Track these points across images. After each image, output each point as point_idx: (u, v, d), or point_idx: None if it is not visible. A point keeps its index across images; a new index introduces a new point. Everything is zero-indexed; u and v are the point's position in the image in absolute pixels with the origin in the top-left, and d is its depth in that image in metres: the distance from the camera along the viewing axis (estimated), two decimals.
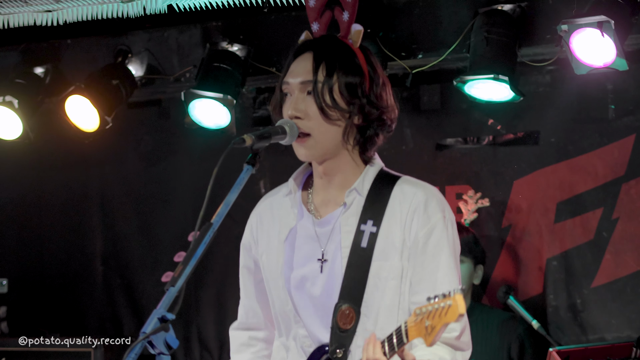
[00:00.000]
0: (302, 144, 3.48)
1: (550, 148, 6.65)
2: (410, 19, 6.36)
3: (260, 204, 3.77)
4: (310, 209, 3.60)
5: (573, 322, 6.52)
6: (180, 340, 2.87)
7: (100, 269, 7.65)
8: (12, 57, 7.05)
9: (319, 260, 3.53)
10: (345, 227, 3.52)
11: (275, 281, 3.60)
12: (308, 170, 3.69)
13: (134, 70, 6.89)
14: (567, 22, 5.58)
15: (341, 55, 3.52)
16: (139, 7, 6.06)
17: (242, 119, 6.87)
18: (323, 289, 3.50)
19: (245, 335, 3.81)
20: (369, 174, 3.57)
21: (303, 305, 3.55)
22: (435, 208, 3.50)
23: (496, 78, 5.88)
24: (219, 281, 7.17)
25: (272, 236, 3.66)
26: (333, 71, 3.47)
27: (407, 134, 6.90)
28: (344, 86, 3.47)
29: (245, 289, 3.80)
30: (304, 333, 3.54)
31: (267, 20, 6.57)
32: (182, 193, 7.36)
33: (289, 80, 3.51)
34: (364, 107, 3.49)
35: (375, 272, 3.46)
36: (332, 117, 3.45)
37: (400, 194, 3.53)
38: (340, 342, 3.45)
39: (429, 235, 3.47)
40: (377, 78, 3.55)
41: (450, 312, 2.95)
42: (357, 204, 3.53)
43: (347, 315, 3.45)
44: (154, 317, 2.82)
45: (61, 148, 7.37)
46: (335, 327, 3.46)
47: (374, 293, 3.46)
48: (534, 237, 6.64)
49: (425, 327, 3.01)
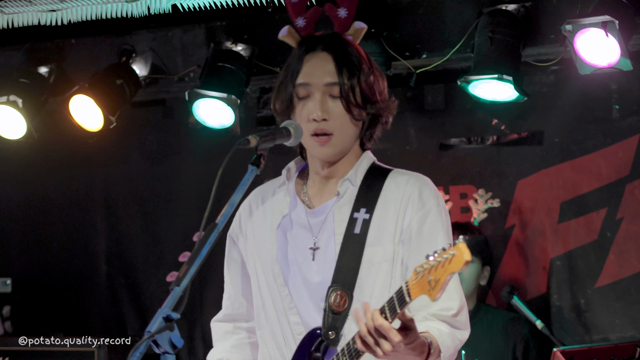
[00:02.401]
0: (324, 144, 3.53)
1: (554, 148, 6.65)
2: (415, 19, 6.36)
3: (250, 196, 3.80)
4: (304, 200, 3.65)
5: (577, 322, 6.52)
6: (184, 340, 2.87)
7: (104, 269, 7.66)
8: (16, 57, 7.04)
9: (311, 249, 3.57)
10: (338, 216, 3.56)
11: (269, 269, 3.63)
12: (302, 164, 3.74)
13: (138, 70, 6.89)
14: (571, 22, 5.57)
15: (356, 55, 3.59)
16: (143, 6, 6.06)
17: (246, 118, 6.86)
18: (318, 275, 3.54)
19: (229, 325, 3.85)
20: (362, 165, 3.64)
21: (297, 291, 3.58)
22: (429, 195, 3.56)
23: (500, 78, 5.88)
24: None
25: (262, 225, 3.69)
26: (355, 72, 3.54)
27: (411, 134, 6.90)
28: (366, 86, 3.55)
29: (232, 280, 3.85)
30: (296, 320, 3.56)
31: (271, 20, 6.57)
32: (186, 193, 7.37)
33: (310, 81, 3.55)
34: (380, 105, 3.58)
35: (369, 257, 3.51)
36: (357, 117, 3.55)
37: (394, 183, 3.59)
38: (333, 325, 3.48)
39: (423, 220, 3.53)
40: (379, 74, 3.64)
41: (455, 260, 2.94)
42: (350, 194, 3.59)
43: (340, 298, 3.47)
44: (158, 316, 2.83)
45: (65, 148, 7.37)
46: (327, 310, 3.49)
47: (367, 277, 3.49)
48: (537, 237, 6.64)
49: (429, 282, 2.99)
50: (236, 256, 3.80)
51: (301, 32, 3.69)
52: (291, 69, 3.60)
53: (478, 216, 6.56)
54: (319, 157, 3.59)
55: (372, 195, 3.57)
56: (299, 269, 3.57)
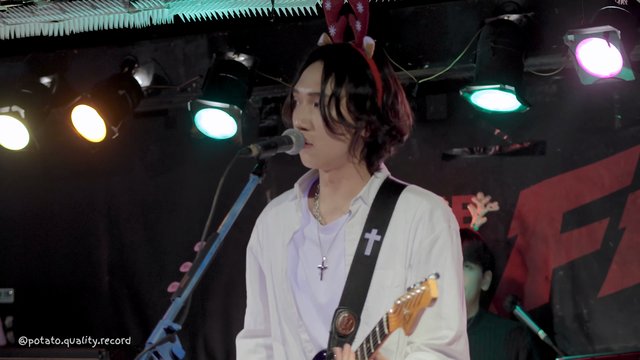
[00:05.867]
0: (305, 151, 3.47)
1: (556, 158, 6.64)
2: (417, 29, 6.37)
3: (267, 209, 3.77)
4: (316, 215, 3.60)
5: (579, 332, 6.51)
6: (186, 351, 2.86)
7: (106, 279, 7.65)
8: (18, 67, 7.06)
9: (319, 268, 3.54)
10: (349, 235, 3.51)
11: (280, 284, 3.60)
12: (314, 177, 3.69)
13: (140, 80, 6.90)
14: (574, 32, 5.58)
15: (352, 66, 3.49)
16: (145, 17, 6.06)
17: (249, 129, 6.87)
18: (326, 295, 3.50)
19: (252, 342, 3.80)
20: (374, 183, 3.56)
21: (306, 309, 3.55)
22: (440, 218, 3.48)
23: (502, 88, 5.88)
24: (225, 291, 7.17)
25: (277, 240, 3.66)
26: (342, 83, 3.44)
27: (413, 144, 6.90)
28: (352, 100, 3.44)
29: (253, 294, 3.80)
30: (306, 337, 3.54)
31: (274, 31, 6.58)
32: (188, 203, 7.37)
33: (298, 89, 3.51)
34: (373, 123, 3.47)
35: (378, 280, 3.45)
36: (336, 131, 3.44)
37: (406, 203, 3.51)
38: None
39: (432, 244, 3.46)
40: (389, 89, 3.53)
41: (424, 297, 2.96)
42: (362, 213, 3.53)
43: (347, 321, 3.44)
44: (160, 327, 2.82)
45: (67, 158, 7.38)
46: (334, 332, 3.45)
47: (375, 301, 3.45)
48: (540, 247, 6.64)
49: (404, 316, 3.02)
50: (256, 270, 3.76)
51: (333, 40, 3.67)
52: (295, 76, 3.58)
53: (477, 220, 6.56)
54: (304, 163, 3.54)
55: (384, 215, 3.50)
56: (308, 288, 3.54)
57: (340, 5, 3.66)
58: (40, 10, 6.03)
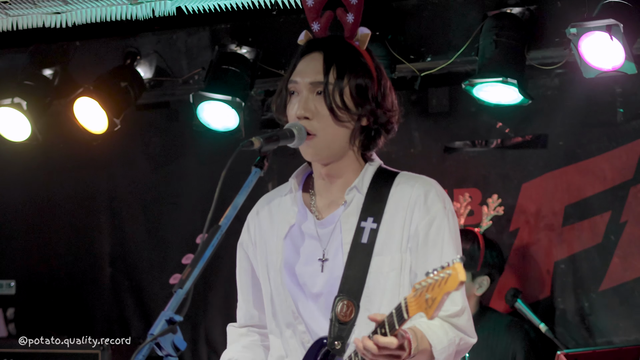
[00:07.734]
0: (308, 144, 3.48)
1: (558, 151, 6.64)
2: (419, 22, 6.37)
3: (258, 204, 3.78)
4: (312, 211, 3.62)
5: (581, 325, 6.51)
6: (188, 342, 2.87)
7: (108, 271, 7.66)
8: (20, 59, 7.05)
9: (320, 260, 3.55)
10: (345, 225, 3.53)
11: (275, 279, 3.61)
12: (308, 170, 3.71)
13: (142, 73, 6.90)
14: (576, 26, 5.57)
15: (351, 57, 3.53)
16: (147, 9, 6.06)
17: (251, 121, 6.87)
18: (325, 286, 3.51)
19: (243, 329, 3.85)
20: (368, 171, 3.59)
21: (304, 303, 3.56)
22: (434, 199, 3.52)
23: (505, 81, 5.88)
24: (226, 283, 7.17)
25: (271, 235, 3.67)
26: (344, 73, 3.48)
27: (415, 137, 6.90)
28: (355, 89, 3.48)
29: (243, 291, 3.83)
30: (303, 329, 3.55)
31: (276, 23, 6.57)
32: (190, 195, 7.37)
33: (297, 79, 3.52)
34: (374, 110, 3.51)
35: (376, 267, 3.48)
36: (342, 119, 3.47)
37: (400, 189, 3.55)
38: (339, 334, 3.46)
39: (429, 226, 3.49)
40: (384, 81, 3.58)
41: (450, 280, 2.93)
42: (357, 202, 3.55)
43: (347, 308, 3.45)
44: (161, 319, 2.83)
45: (69, 150, 7.38)
46: (334, 320, 3.47)
47: (375, 287, 3.47)
48: (541, 241, 6.64)
49: (426, 300, 2.99)
50: (247, 266, 3.78)
51: (316, 36, 3.68)
52: (289, 68, 3.60)
53: (483, 222, 6.48)
54: (306, 157, 3.57)
55: (379, 202, 3.54)
56: (307, 281, 3.55)
57: (323, 1, 3.68)
58: (43, 2, 6.03)
